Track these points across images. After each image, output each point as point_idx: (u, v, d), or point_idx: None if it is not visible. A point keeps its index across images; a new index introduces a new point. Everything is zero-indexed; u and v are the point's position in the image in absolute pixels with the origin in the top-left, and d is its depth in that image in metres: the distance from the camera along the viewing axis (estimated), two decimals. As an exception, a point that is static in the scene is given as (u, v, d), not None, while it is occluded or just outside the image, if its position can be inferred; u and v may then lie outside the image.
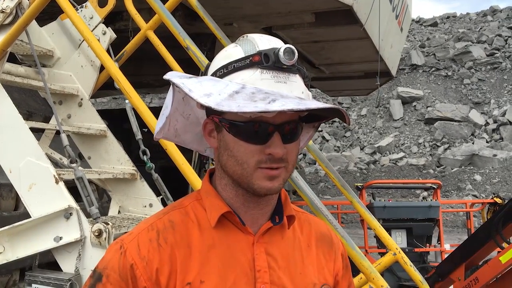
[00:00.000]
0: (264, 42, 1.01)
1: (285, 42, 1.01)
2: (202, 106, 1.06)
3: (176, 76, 1.00)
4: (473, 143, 19.61)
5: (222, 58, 1.04)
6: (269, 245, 1.07)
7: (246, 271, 1.03)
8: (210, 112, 1.04)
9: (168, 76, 1.00)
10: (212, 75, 1.04)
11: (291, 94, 0.97)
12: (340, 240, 1.24)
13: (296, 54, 0.98)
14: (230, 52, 1.03)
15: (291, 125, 1.01)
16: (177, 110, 1.12)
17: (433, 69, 24.84)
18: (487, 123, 21.15)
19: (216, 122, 1.04)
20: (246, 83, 0.97)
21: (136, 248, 1.02)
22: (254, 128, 0.98)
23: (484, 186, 16.23)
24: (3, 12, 2.70)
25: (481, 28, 27.55)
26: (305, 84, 1.03)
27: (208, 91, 0.94)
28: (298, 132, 1.03)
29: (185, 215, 1.08)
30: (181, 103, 1.11)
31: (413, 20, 27.77)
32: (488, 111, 21.86)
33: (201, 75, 1.08)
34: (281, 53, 0.97)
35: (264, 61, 0.98)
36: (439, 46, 26.24)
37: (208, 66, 1.09)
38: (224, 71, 1.01)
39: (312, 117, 1.11)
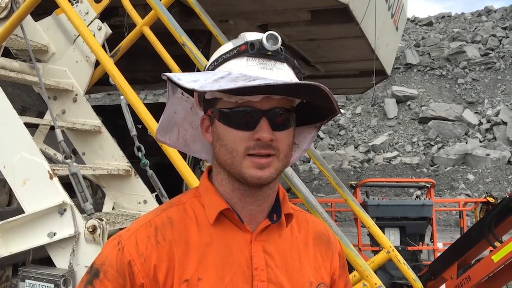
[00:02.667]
0: (253, 35, 1.04)
1: (283, 40, 1.02)
2: (200, 106, 1.09)
3: (173, 75, 1.02)
4: (466, 143, 19.70)
5: (215, 54, 1.08)
6: (266, 243, 1.07)
7: (244, 269, 1.03)
8: (206, 108, 1.07)
9: (165, 76, 1.02)
10: (206, 70, 1.08)
11: (277, 79, 0.98)
12: (337, 240, 1.24)
13: (280, 40, 1.00)
14: (222, 47, 1.07)
15: (280, 112, 1.01)
16: (186, 119, 1.15)
17: (428, 68, 24.92)
18: (480, 123, 21.26)
19: (209, 115, 1.06)
20: (233, 70, 0.99)
21: (134, 244, 1.02)
22: (242, 114, 1.00)
23: (477, 185, 16.32)
24: (-3, 6, 2.68)
25: (475, 28, 27.66)
26: (296, 75, 1.04)
27: (196, 78, 0.97)
28: (289, 121, 1.03)
29: (183, 212, 1.08)
30: (189, 113, 1.14)
31: (408, 19, 27.83)
32: (482, 111, 21.96)
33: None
34: (264, 39, 0.99)
35: (250, 49, 1.00)
36: (434, 45, 26.33)
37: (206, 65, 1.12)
38: (215, 64, 1.05)
39: (312, 117, 1.11)
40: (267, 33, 1.01)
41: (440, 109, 21.88)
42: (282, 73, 1.00)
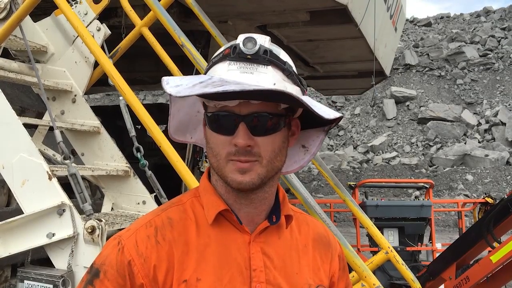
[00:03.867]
0: (241, 37, 1.02)
1: (279, 41, 1.01)
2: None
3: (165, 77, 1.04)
4: (465, 143, 19.72)
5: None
6: (265, 244, 1.07)
7: (242, 270, 1.03)
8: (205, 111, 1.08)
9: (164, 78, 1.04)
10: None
11: (257, 84, 0.95)
12: (337, 242, 1.24)
13: (259, 43, 0.98)
14: (218, 51, 1.07)
15: (261, 117, 0.99)
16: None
17: (427, 69, 24.95)
18: (479, 124, 21.28)
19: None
20: (216, 75, 1.00)
21: (134, 244, 1.02)
22: (221, 119, 1.00)
23: (476, 186, 16.34)
24: (-4, 7, 2.68)
25: (474, 29, 27.69)
26: (287, 77, 1.00)
27: (180, 83, 0.98)
28: (273, 126, 1.01)
29: (183, 212, 1.08)
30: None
31: (407, 20, 27.86)
32: (481, 112, 21.99)
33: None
34: (240, 43, 0.99)
35: (232, 52, 1.00)
36: (433, 46, 26.35)
37: None
38: (207, 68, 1.06)
39: (317, 121, 1.09)
40: (244, 36, 1.00)
41: (439, 110, 21.91)
42: (263, 76, 0.97)
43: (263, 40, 1.00)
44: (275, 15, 5.87)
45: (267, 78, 0.97)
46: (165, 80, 0.99)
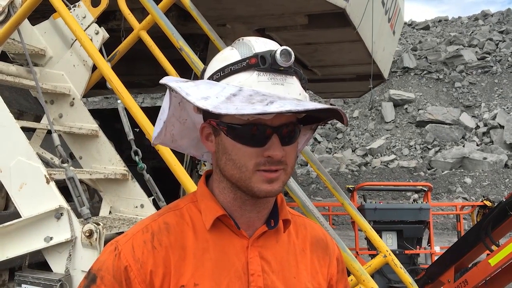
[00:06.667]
0: (260, 44, 1.01)
1: (280, 44, 1.01)
2: (199, 110, 1.06)
3: (172, 80, 0.99)
4: (463, 146, 19.73)
5: (219, 61, 1.03)
6: (263, 249, 1.07)
7: (240, 275, 1.03)
8: (207, 116, 1.04)
9: (164, 80, 0.99)
10: (209, 78, 1.03)
11: (289, 96, 0.97)
12: (336, 245, 1.24)
13: (293, 56, 0.98)
14: (226, 55, 1.02)
15: (289, 127, 1.00)
16: (174, 115, 1.11)
17: (425, 72, 24.98)
18: (477, 126, 21.30)
19: (213, 125, 1.03)
20: (243, 85, 0.96)
21: (130, 250, 1.02)
22: (252, 131, 0.98)
23: (474, 189, 16.35)
24: (-5, 10, 2.68)
25: (472, 32, 27.75)
26: (302, 86, 1.03)
27: (206, 94, 0.93)
28: (296, 134, 1.03)
29: (180, 217, 1.07)
30: (177, 108, 1.10)
31: (405, 23, 27.91)
32: (479, 115, 22.01)
33: (196, 79, 1.08)
34: (277, 55, 0.96)
35: (261, 63, 0.97)
36: (431, 49, 26.40)
37: (204, 70, 1.08)
38: (221, 74, 1.01)
39: (309, 119, 1.11)
40: (280, 48, 0.98)
41: (437, 113, 21.93)
42: (292, 88, 0.99)
43: (291, 51, 1.00)
44: (274, 19, 5.88)
45: (295, 89, 1.00)
46: (183, 91, 0.93)
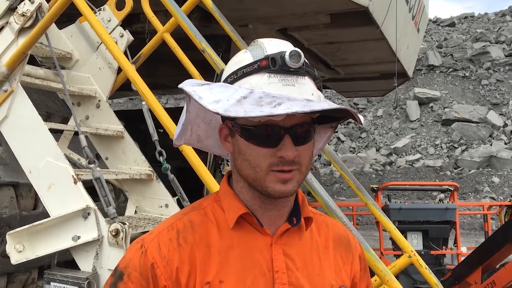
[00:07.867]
0: (272, 46, 1.03)
1: (299, 44, 1.02)
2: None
3: (189, 84, 1.02)
4: (491, 145, 19.32)
5: (233, 64, 1.06)
6: (287, 246, 1.08)
7: (265, 272, 1.05)
8: (224, 117, 1.07)
9: (181, 85, 1.03)
10: (224, 81, 1.06)
11: (300, 96, 0.98)
12: (358, 242, 1.25)
13: (303, 56, 0.99)
14: (240, 58, 1.05)
15: (302, 127, 1.02)
16: (199, 116, 1.15)
17: (451, 69, 24.55)
18: (505, 125, 20.83)
19: (229, 127, 1.06)
20: (255, 87, 0.98)
21: (156, 247, 1.04)
22: (265, 132, 1.00)
23: (502, 188, 16.00)
24: (23, 15, 2.75)
25: (499, 28, 27.15)
26: (316, 86, 1.03)
27: (217, 97, 0.96)
28: (310, 134, 1.04)
29: (204, 216, 1.10)
30: (202, 109, 1.13)
31: (430, 20, 27.48)
32: (507, 112, 21.52)
33: (217, 79, 1.10)
34: (287, 56, 0.98)
35: (271, 65, 0.99)
36: (457, 46, 25.93)
37: (221, 73, 1.10)
38: (234, 77, 1.03)
39: (327, 118, 1.12)
40: (289, 49, 0.99)
41: (463, 111, 21.53)
42: (304, 88, 1.00)
43: (300, 52, 1.00)
44: (296, 18, 5.86)
45: (307, 89, 1.00)
46: (196, 94, 0.97)
